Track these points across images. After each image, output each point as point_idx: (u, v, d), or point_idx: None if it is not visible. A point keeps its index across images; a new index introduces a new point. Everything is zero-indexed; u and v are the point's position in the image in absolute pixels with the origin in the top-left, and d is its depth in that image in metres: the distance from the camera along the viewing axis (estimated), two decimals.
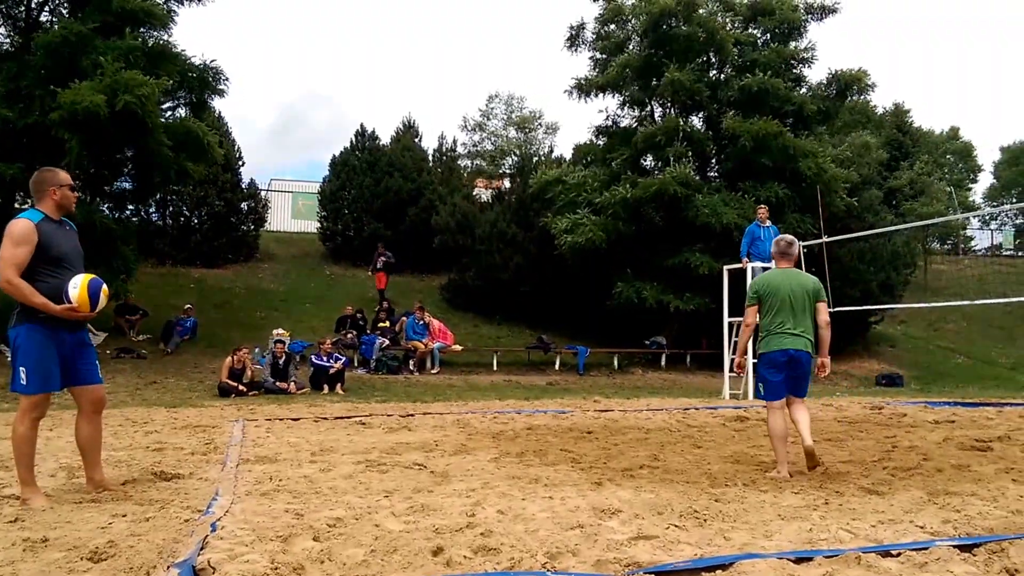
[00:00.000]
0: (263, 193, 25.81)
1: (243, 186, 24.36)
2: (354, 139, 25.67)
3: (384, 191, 23.89)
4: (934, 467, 6.07)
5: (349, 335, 17.57)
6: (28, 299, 4.50)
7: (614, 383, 16.89)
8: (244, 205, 24.22)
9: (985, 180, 55.61)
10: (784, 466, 5.75)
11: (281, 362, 13.87)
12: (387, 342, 17.14)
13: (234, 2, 79.75)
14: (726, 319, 14.27)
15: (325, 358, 14.29)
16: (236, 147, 24.19)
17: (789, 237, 6.28)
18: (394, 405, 11.35)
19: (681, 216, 18.42)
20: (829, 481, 5.49)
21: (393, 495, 4.93)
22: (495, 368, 17.92)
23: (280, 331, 15.92)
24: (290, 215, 29.51)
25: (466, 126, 28.74)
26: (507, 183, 26.81)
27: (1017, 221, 49.25)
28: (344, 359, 14.84)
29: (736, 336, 13.88)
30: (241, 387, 13.03)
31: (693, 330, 19.43)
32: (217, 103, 19.82)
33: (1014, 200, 49.37)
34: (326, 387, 13.87)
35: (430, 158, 26.34)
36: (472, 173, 28.15)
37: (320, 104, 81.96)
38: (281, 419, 9.34)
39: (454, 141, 27.55)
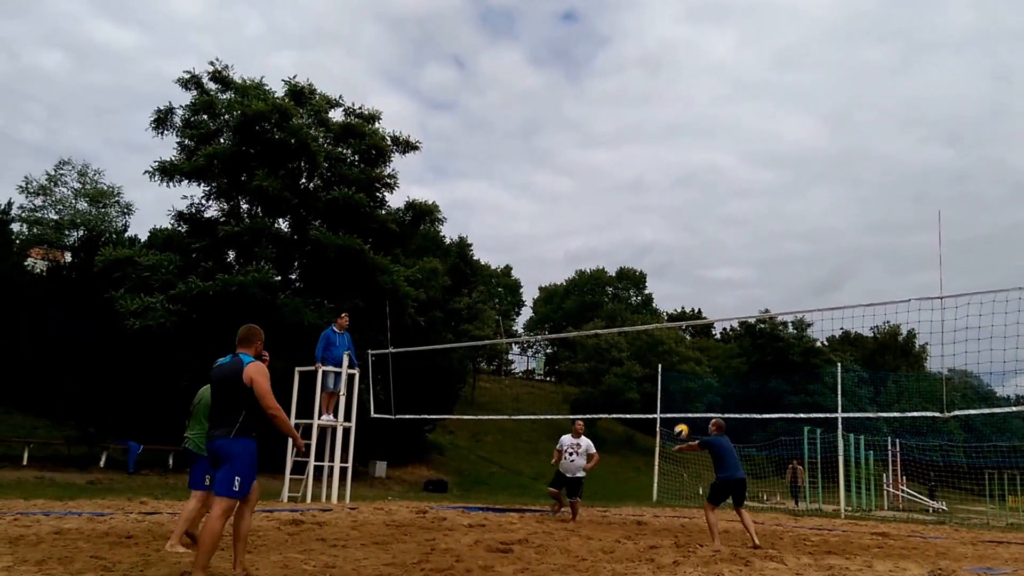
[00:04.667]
0: None
1: None
2: None
3: None
4: (464, 568, 6.63)
5: None
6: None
7: (168, 484, 15.76)
8: None
9: (526, 313, 64.63)
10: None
11: None
12: None
13: None
14: (292, 420, 14.28)
15: None
16: None
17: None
18: None
19: (263, 314, 18.28)
20: None
21: None
22: (25, 463, 15.88)
23: None
24: None
25: (27, 188, 25.43)
26: (69, 256, 24.14)
27: (548, 351, 57.39)
28: None
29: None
30: None
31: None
32: None
33: (547, 332, 57.75)
34: None
35: None
36: (28, 240, 24.84)
37: None
38: None
39: (9, 203, 24.23)
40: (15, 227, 25.10)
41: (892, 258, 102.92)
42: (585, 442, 12.11)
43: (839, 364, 21.34)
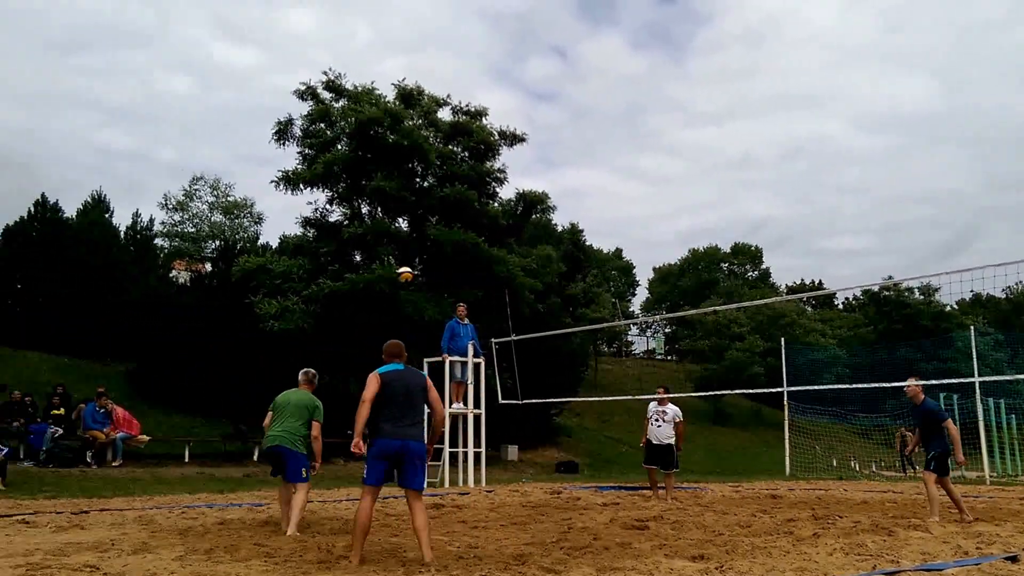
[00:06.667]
0: None
1: None
2: (32, 209, 23.23)
3: (66, 266, 21.69)
4: (602, 545, 6.79)
5: (15, 423, 15.55)
6: None
7: (315, 474, 16.57)
8: None
9: (642, 294, 64.27)
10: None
11: None
12: (60, 431, 15.44)
13: None
14: (425, 410, 14.80)
15: None
16: None
17: (305, 370, 8.46)
18: (66, 501, 10.16)
19: (388, 311, 19.00)
20: (514, 563, 5.91)
21: None
22: (187, 460, 16.92)
23: None
24: None
25: (166, 205, 27.17)
26: (209, 267, 25.73)
27: (667, 330, 56.87)
28: (6, 450, 12.87)
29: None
30: None
31: None
32: None
33: (664, 312, 57.16)
34: None
35: (122, 235, 24.58)
36: (170, 254, 26.59)
37: (5, 170, 72.29)
38: None
39: (151, 220, 26.03)
40: (158, 242, 26.87)
41: (1021, 215, 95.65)
42: (672, 410, 11.96)
43: (972, 327, 20.30)
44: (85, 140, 78.21)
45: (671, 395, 12.68)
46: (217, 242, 26.38)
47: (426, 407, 6.33)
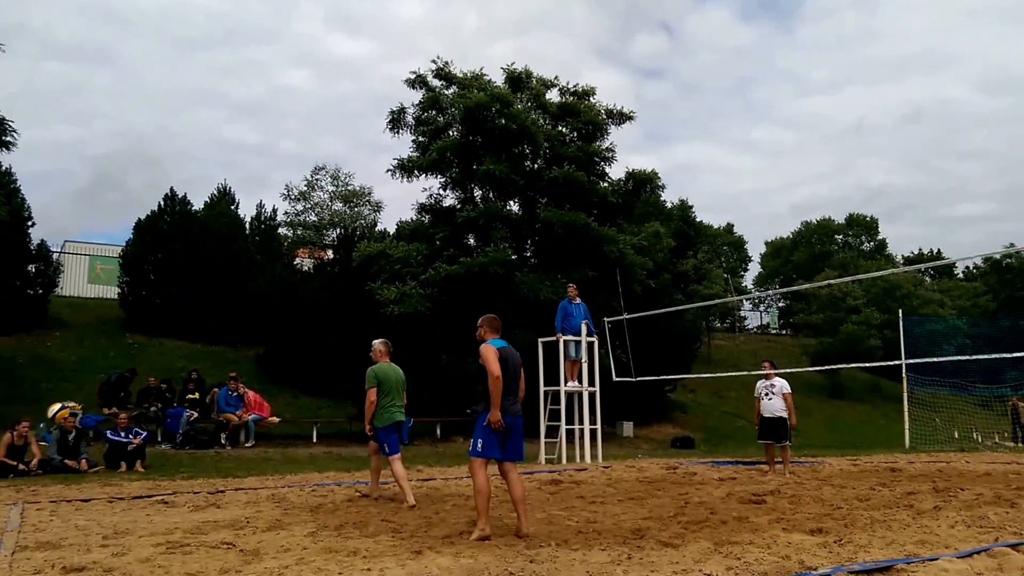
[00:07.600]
0: (55, 255, 23.90)
1: (31, 247, 22.36)
2: (162, 203, 24.55)
3: (196, 257, 22.91)
4: (719, 520, 6.85)
5: (153, 408, 16.61)
6: None
7: (436, 452, 16.89)
8: (31, 268, 22.27)
9: (754, 269, 63.00)
10: None
11: (71, 438, 12.61)
12: (195, 415, 16.33)
13: (45, 51, 74.68)
14: (541, 388, 15.00)
15: (122, 433, 13.16)
16: (26, 205, 22.36)
17: (384, 340, 8.96)
18: (202, 481, 10.67)
19: (503, 292, 19.27)
20: (633, 537, 5.99)
21: None
22: (315, 440, 17.54)
23: (70, 404, 14.73)
24: (86, 280, 27.50)
25: (289, 195, 28.23)
26: (331, 254, 26.61)
27: (780, 304, 55.45)
28: (145, 434, 13.63)
29: (549, 404, 14.79)
30: (22, 466, 11.81)
31: None
32: (5, 157, 18.61)
33: (777, 286, 55.72)
34: (124, 464, 12.70)
35: (247, 226, 25.72)
36: (294, 242, 27.64)
37: (140, 167, 77.42)
38: (69, 500, 8.56)
39: (274, 210, 27.15)
40: (281, 231, 27.91)
41: None
42: (780, 382, 11.84)
43: None
44: (210, 135, 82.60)
45: (779, 370, 12.55)
46: (338, 230, 27.17)
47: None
